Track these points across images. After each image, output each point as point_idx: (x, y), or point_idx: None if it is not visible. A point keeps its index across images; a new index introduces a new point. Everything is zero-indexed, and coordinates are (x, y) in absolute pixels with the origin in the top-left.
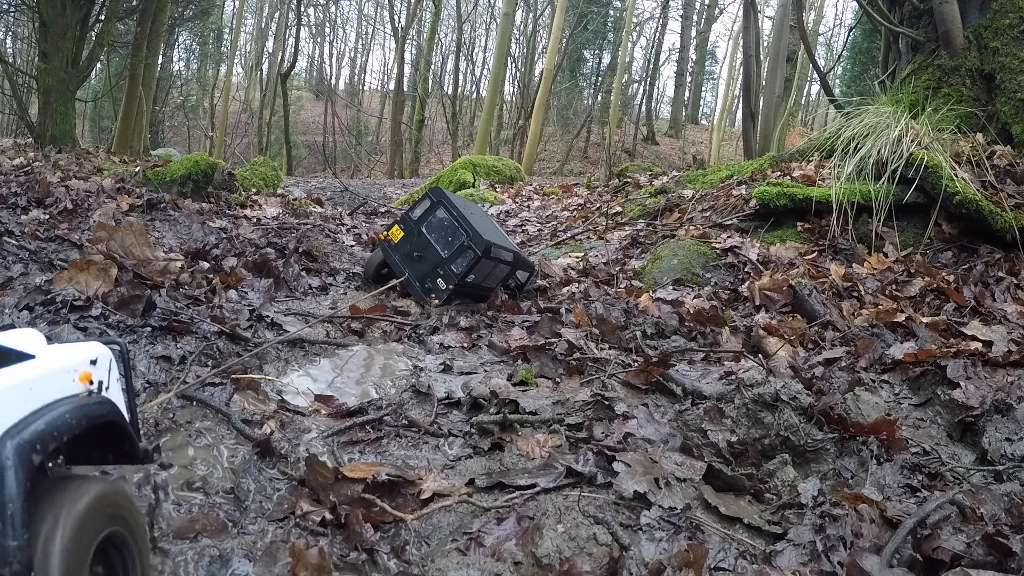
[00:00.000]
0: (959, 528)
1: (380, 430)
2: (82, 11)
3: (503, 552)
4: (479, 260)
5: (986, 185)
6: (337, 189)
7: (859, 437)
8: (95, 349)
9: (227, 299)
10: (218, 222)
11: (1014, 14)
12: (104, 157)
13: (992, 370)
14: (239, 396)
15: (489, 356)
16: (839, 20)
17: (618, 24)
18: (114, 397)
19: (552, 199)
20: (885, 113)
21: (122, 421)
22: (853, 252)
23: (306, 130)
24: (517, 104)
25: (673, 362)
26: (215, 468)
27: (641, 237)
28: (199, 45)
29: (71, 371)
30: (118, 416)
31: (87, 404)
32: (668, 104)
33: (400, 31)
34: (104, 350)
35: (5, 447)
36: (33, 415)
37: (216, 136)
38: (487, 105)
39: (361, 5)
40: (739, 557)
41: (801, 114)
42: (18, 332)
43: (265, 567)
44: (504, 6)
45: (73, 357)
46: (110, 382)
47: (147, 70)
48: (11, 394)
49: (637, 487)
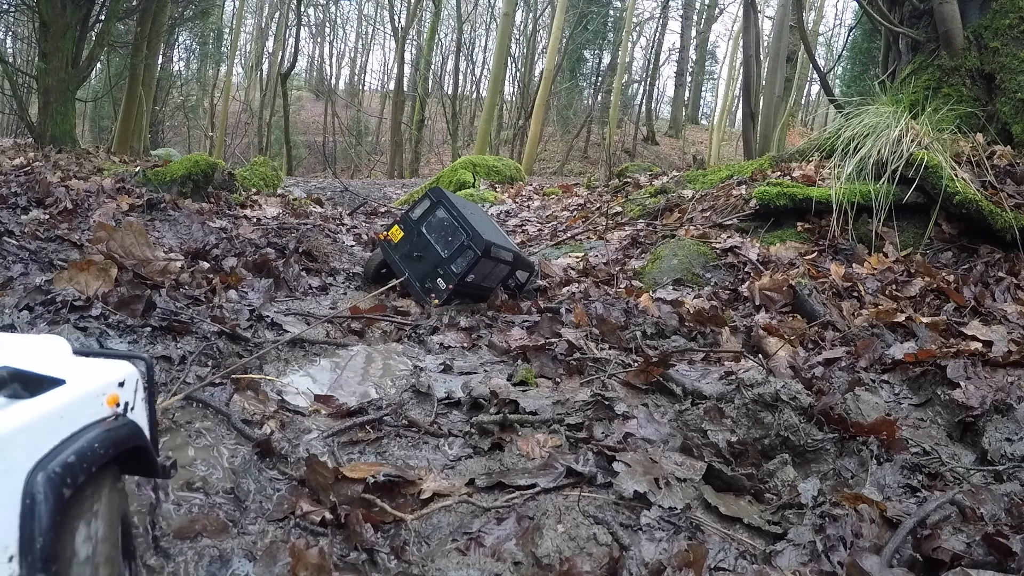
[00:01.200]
0: (959, 528)
1: (380, 430)
2: (82, 11)
3: (503, 552)
4: (479, 260)
5: (986, 185)
6: (337, 189)
7: (859, 437)
8: (123, 370)
9: (227, 299)
10: (218, 222)
11: (1014, 14)
12: (104, 157)
13: (992, 370)
14: (239, 396)
15: (489, 356)
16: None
17: (618, 24)
18: (138, 417)
19: (552, 199)
20: (885, 113)
21: (145, 443)
22: (853, 252)
23: (306, 130)
24: (517, 104)
25: (673, 362)
26: (215, 468)
27: (641, 237)
28: (199, 45)
29: (100, 395)
30: (142, 439)
31: (113, 429)
32: (668, 104)
33: (400, 31)
34: (132, 369)
35: (36, 479)
36: (63, 444)
37: (216, 136)
38: (487, 105)
39: (361, 5)
40: (739, 557)
41: (801, 114)
42: (43, 339)
43: (265, 567)
44: (504, 6)
45: (102, 379)
46: (135, 402)
47: (147, 70)
48: (43, 425)
49: (637, 487)
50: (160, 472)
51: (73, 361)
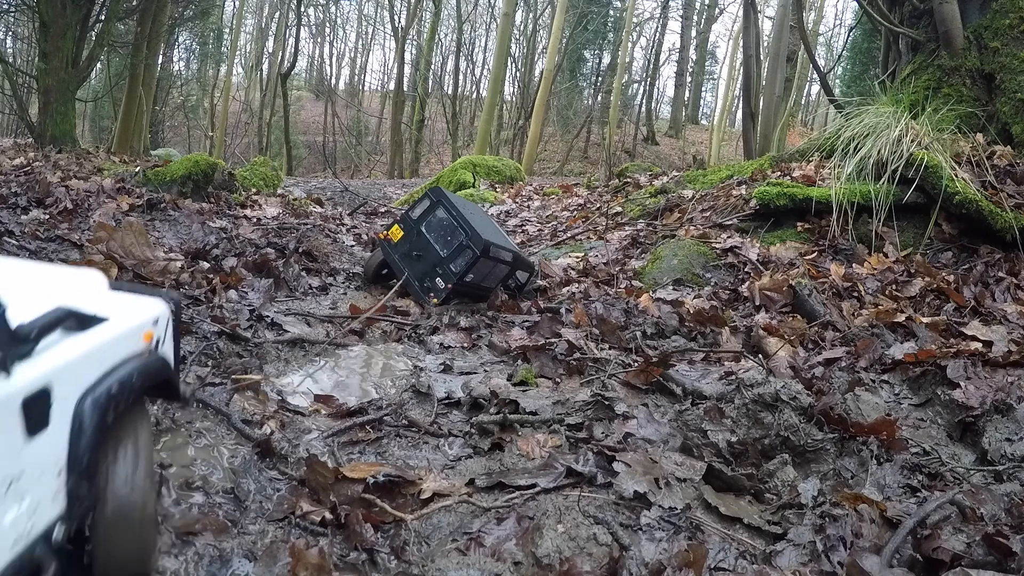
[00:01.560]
0: (959, 528)
1: (380, 430)
2: (82, 11)
3: (503, 552)
4: (478, 259)
5: (986, 185)
6: (337, 189)
7: (859, 437)
8: (156, 309)
9: (227, 299)
10: (218, 222)
11: (1014, 14)
12: (104, 157)
13: (992, 370)
14: (239, 396)
15: (489, 356)
16: (839, 20)
17: (618, 24)
18: (167, 351)
19: (552, 199)
20: (885, 113)
21: (173, 375)
22: (853, 252)
23: (306, 130)
24: (517, 104)
25: (673, 362)
26: (215, 468)
27: (641, 237)
28: (199, 45)
29: (138, 332)
30: (170, 372)
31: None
32: (668, 104)
33: (400, 31)
34: (164, 308)
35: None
36: (106, 375)
37: (216, 136)
38: (487, 105)
39: (361, 5)
40: (739, 557)
41: (801, 114)
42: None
43: (265, 567)
44: (504, 6)
45: (139, 317)
46: (165, 338)
47: (147, 70)
48: (91, 357)
49: (637, 487)
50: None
51: (111, 297)
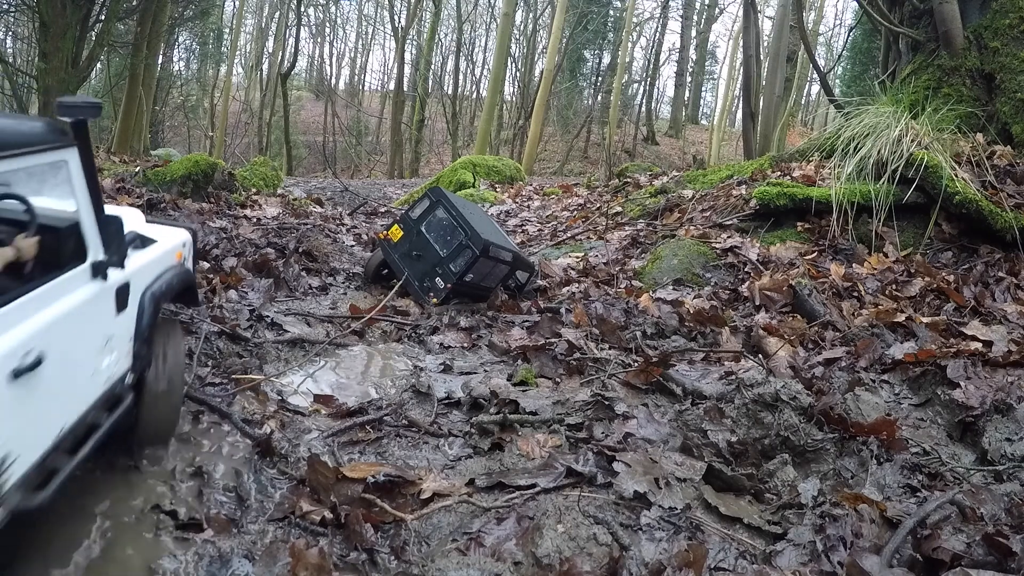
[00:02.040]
0: (959, 528)
1: (380, 430)
2: (82, 11)
3: (503, 552)
4: (477, 259)
5: (986, 185)
6: (337, 189)
7: (859, 437)
8: (183, 235)
9: (227, 299)
10: (218, 222)
11: (1014, 14)
12: (104, 157)
13: (992, 370)
14: (239, 396)
15: (489, 356)
16: (839, 20)
17: (618, 24)
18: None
19: (552, 199)
20: (885, 113)
21: (194, 285)
22: (853, 252)
23: (306, 130)
24: (517, 104)
25: (673, 362)
26: (216, 467)
27: (641, 237)
28: (199, 45)
29: (173, 251)
30: (193, 282)
31: (180, 273)
32: (668, 104)
33: (400, 31)
34: (187, 235)
35: (146, 296)
36: (157, 278)
37: (216, 136)
38: (487, 105)
39: (361, 5)
40: (739, 557)
41: (801, 114)
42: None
43: (265, 567)
44: (504, 6)
45: (174, 240)
46: (189, 258)
47: (147, 70)
48: (150, 266)
49: (637, 487)
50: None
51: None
